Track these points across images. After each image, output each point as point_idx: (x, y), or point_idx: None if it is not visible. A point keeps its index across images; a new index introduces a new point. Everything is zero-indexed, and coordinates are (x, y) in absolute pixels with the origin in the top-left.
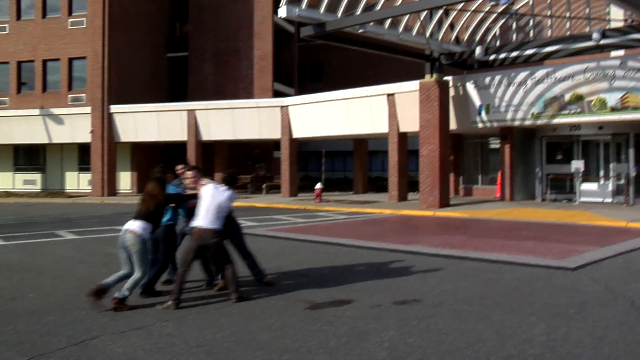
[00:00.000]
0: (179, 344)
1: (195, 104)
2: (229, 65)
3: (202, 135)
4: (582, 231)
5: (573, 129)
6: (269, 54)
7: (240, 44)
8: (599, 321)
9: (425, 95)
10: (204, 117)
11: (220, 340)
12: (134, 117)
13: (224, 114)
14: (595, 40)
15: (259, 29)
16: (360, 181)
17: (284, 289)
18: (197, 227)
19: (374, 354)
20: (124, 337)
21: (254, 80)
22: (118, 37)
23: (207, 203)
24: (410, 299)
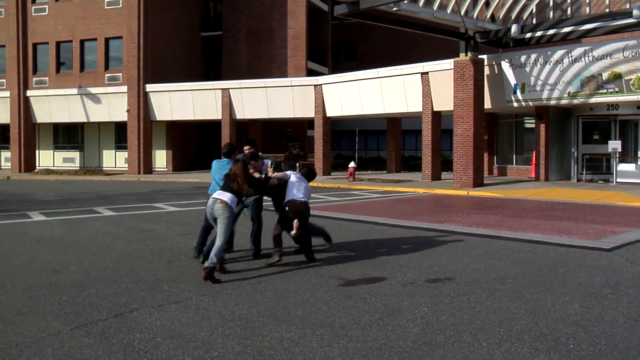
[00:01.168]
0: (214, 317)
1: (230, 83)
2: (262, 44)
3: (236, 114)
4: (618, 212)
5: (610, 109)
6: (302, 33)
7: (273, 22)
8: (633, 302)
9: (459, 74)
10: (238, 96)
11: (255, 314)
12: (169, 96)
13: (258, 93)
14: (635, 17)
15: (293, 8)
16: (394, 160)
17: (318, 265)
18: (294, 200)
19: (407, 331)
20: (162, 310)
21: (288, 59)
22: (153, 16)
23: (302, 187)
24: (443, 277)
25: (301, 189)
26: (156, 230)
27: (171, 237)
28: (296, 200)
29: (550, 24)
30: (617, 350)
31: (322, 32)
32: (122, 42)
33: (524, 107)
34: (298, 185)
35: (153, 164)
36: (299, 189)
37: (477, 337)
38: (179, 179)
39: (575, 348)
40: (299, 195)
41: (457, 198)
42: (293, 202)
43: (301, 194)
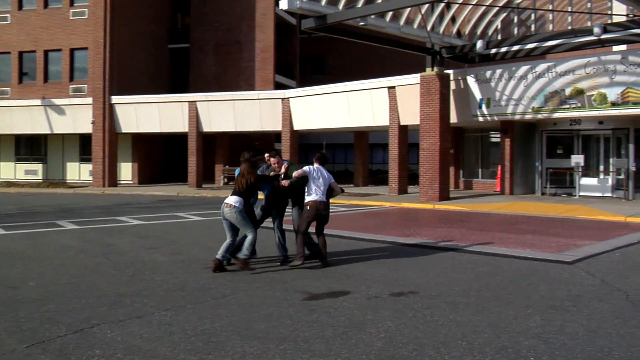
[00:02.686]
0: (177, 332)
1: (197, 96)
2: (230, 56)
3: (203, 126)
4: (581, 225)
5: (573, 124)
6: (270, 46)
7: (242, 35)
8: (593, 314)
9: (426, 89)
10: (205, 108)
11: (219, 329)
12: (136, 108)
13: (225, 106)
14: (596, 35)
15: (261, 21)
16: (361, 174)
17: (282, 279)
18: (314, 200)
19: (370, 345)
20: (123, 325)
21: (256, 72)
22: (120, 28)
23: (320, 182)
24: (407, 290)
25: (320, 184)
26: (120, 244)
27: (135, 251)
28: (316, 200)
29: (515, 40)
30: None
31: (290, 46)
32: (87, 53)
33: (490, 122)
34: (317, 181)
35: (118, 176)
36: (318, 185)
37: (439, 350)
38: (145, 192)
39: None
40: (318, 194)
41: (424, 212)
42: (314, 202)
43: (320, 191)
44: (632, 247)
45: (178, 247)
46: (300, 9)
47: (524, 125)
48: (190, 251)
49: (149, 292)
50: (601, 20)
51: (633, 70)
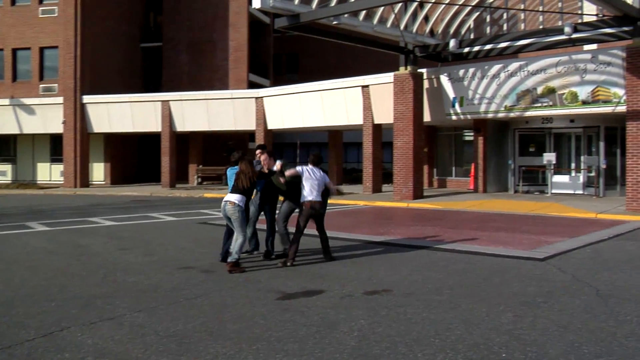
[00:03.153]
0: (149, 334)
1: (170, 95)
2: (204, 55)
3: (176, 126)
4: (553, 222)
5: (545, 122)
6: (244, 45)
7: (215, 34)
8: (564, 310)
9: (399, 87)
10: (178, 107)
11: (191, 330)
12: (108, 108)
13: (199, 105)
14: (567, 34)
15: (235, 20)
16: (335, 172)
17: (256, 279)
18: (309, 200)
19: (343, 343)
20: (94, 328)
21: (229, 71)
22: (91, 26)
23: (314, 182)
24: (381, 289)
25: (315, 184)
26: (92, 246)
27: (107, 252)
28: (312, 200)
29: (488, 39)
30: (548, 357)
31: (264, 45)
32: (57, 51)
33: (463, 120)
34: (312, 181)
35: (90, 177)
36: (313, 185)
37: (412, 348)
38: (118, 193)
39: (508, 357)
40: (313, 194)
41: (397, 210)
42: (309, 202)
43: (315, 191)
44: (602, 243)
45: (151, 248)
46: (273, 8)
47: (497, 124)
48: (163, 252)
49: (121, 293)
50: (572, 19)
51: (603, 69)
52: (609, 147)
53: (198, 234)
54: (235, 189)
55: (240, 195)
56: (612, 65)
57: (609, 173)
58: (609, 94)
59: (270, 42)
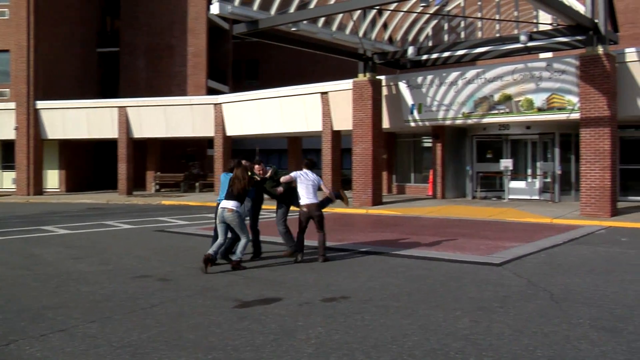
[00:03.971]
0: (102, 345)
1: (127, 101)
2: (162, 61)
3: (133, 132)
4: (510, 227)
5: (502, 129)
6: (203, 51)
7: (173, 40)
8: (520, 314)
9: (358, 94)
10: (135, 114)
11: (146, 340)
12: (62, 114)
13: (157, 111)
14: (522, 43)
15: (193, 25)
16: None
17: (213, 287)
18: (306, 204)
19: (300, 351)
20: (44, 340)
21: (188, 77)
22: (45, 30)
23: (309, 185)
24: (339, 295)
25: (310, 187)
26: (44, 255)
27: (60, 261)
28: (307, 203)
29: (446, 46)
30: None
31: (223, 51)
32: (9, 55)
33: (422, 127)
34: (306, 185)
35: (44, 184)
36: (307, 188)
37: (369, 354)
38: (73, 200)
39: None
40: (309, 196)
41: (357, 217)
42: (306, 205)
43: (310, 193)
44: (557, 248)
45: (106, 257)
46: (232, 14)
47: (455, 130)
48: (119, 260)
49: (74, 304)
50: (528, 28)
51: (557, 77)
52: (563, 154)
53: (155, 242)
54: (229, 195)
55: (235, 201)
56: (566, 73)
57: (564, 179)
58: (564, 101)
59: (230, 48)
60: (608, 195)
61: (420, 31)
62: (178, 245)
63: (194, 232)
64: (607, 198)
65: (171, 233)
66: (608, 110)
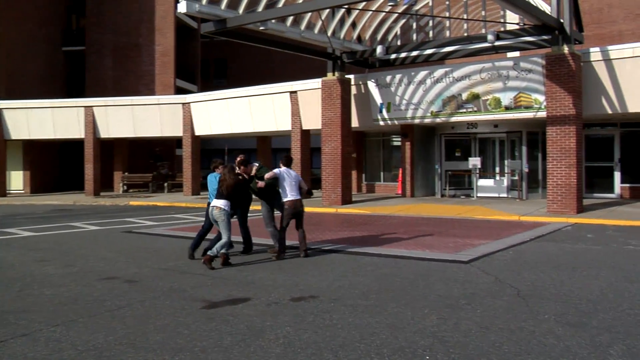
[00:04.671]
0: (67, 349)
1: (93, 100)
2: (129, 60)
3: (100, 132)
4: (478, 225)
5: (470, 127)
6: (171, 50)
7: (141, 39)
8: (487, 311)
9: (327, 93)
10: (102, 113)
11: (112, 343)
12: (27, 114)
13: (124, 111)
14: (490, 42)
15: (161, 24)
16: None
17: (181, 288)
18: (291, 200)
19: (269, 351)
20: (5, 346)
21: (156, 77)
22: (7, 28)
23: (292, 182)
24: (308, 295)
25: (293, 184)
26: (6, 258)
27: (24, 264)
28: (293, 199)
29: (414, 45)
30: (470, 357)
31: (191, 50)
32: None
33: (390, 126)
34: (289, 181)
35: (8, 186)
36: (291, 185)
37: (337, 354)
38: (38, 202)
39: (431, 359)
40: (293, 193)
41: (326, 216)
42: (291, 201)
43: (294, 190)
44: (524, 245)
45: (72, 259)
46: (199, 13)
47: (424, 129)
48: (85, 262)
49: (38, 307)
50: (495, 28)
51: (524, 76)
52: (531, 152)
53: (122, 243)
54: (219, 194)
55: (225, 200)
56: (533, 72)
57: (531, 176)
58: (530, 100)
59: (198, 47)
60: (574, 193)
61: (388, 30)
62: (146, 246)
63: (162, 233)
64: (573, 195)
65: (139, 234)
66: (573, 109)
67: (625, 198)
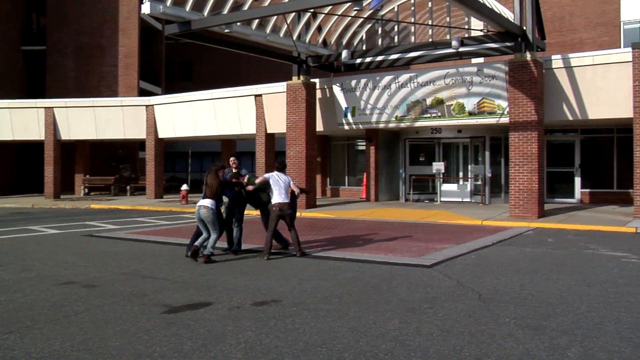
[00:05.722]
0: (20, 357)
1: (54, 101)
2: (92, 61)
3: (61, 134)
4: (441, 230)
5: (434, 132)
6: (134, 51)
7: (104, 39)
8: (448, 315)
9: (292, 97)
10: (63, 115)
11: (69, 349)
12: None
13: (86, 112)
14: (454, 48)
15: (125, 25)
16: None
17: (142, 293)
18: (278, 202)
19: (229, 356)
20: None
21: (119, 78)
22: None
23: (281, 186)
24: (270, 299)
25: (282, 188)
26: None
27: None
28: (280, 202)
29: (379, 50)
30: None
31: (156, 51)
32: None
33: (355, 130)
34: (278, 185)
35: None
36: (279, 188)
37: (299, 358)
38: None
39: None
40: (281, 196)
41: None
42: (277, 204)
43: (283, 193)
44: (486, 249)
45: (29, 263)
46: (163, 14)
47: (388, 134)
48: (42, 267)
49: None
50: (460, 34)
51: (488, 82)
52: (493, 157)
53: (82, 247)
54: (204, 195)
55: (211, 200)
56: (496, 79)
57: (494, 181)
58: (494, 105)
59: (163, 49)
60: (535, 197)
61: (354, 35)
62: (106, 250)
63: (124, 237)
64: (535, 200)
65: (100, 238)
66: (535, 115)
67: (585, 203)
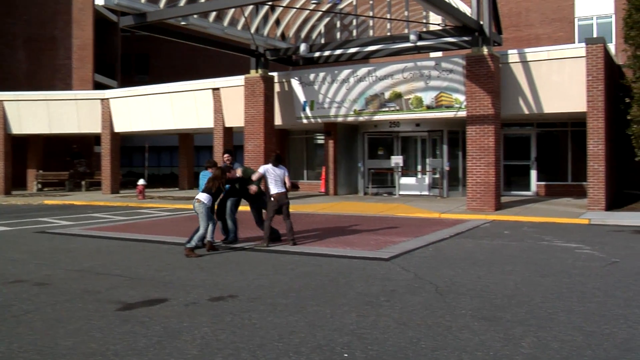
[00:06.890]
0: None
1: (4, 94)
2: (44, 53)
3: (12, 128)
4: (399, 223)
5: (393, 126)
6: (89, 44)
7: (57, 31)
8: (405, 307)
9: (250, 91)
10: (14, 108)
11: (17, 350)
12: None
13: (38, 106)
14: (412, 42)
15: (79, 17)
16: (186, 177)
17: (95, 290)
18: (276, 192)
19: (185, 352)
20: None
21: (73, 71)
22: None
23: (276, 178)
24: (227, 294)
25: (278, 180)
26: None
27: None
28: (277, 192)
29: (338, 44)
30: (387, 354)
31: (111, 44)
32: None
33: (314, 124)
34: (274, 177)
35: None
36: (276, 180)
37: (255, 353)
38: None
39: (350, 357)
40: (278, 187)
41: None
42: (277, 194)
43: (279, 184)
44: (444, 242)
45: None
46: (118, 6)
47: (347, 127)
48: None
49: None
50: (418, 28)
51: (445, 76)
52: (451, 150)
53: (34, 244)
54: (205, 189)
55: (207, 195)
56: (453, 73)
57: (452, 175)
58: (451, 99)
59: (118, 42)
60: (492, 190)
61: (312, 28)
62: (59, 247)
63: (79, 233)
64: (492, 193)
65: (52, 234)
66: (492, 109)
67: (541, 195)
